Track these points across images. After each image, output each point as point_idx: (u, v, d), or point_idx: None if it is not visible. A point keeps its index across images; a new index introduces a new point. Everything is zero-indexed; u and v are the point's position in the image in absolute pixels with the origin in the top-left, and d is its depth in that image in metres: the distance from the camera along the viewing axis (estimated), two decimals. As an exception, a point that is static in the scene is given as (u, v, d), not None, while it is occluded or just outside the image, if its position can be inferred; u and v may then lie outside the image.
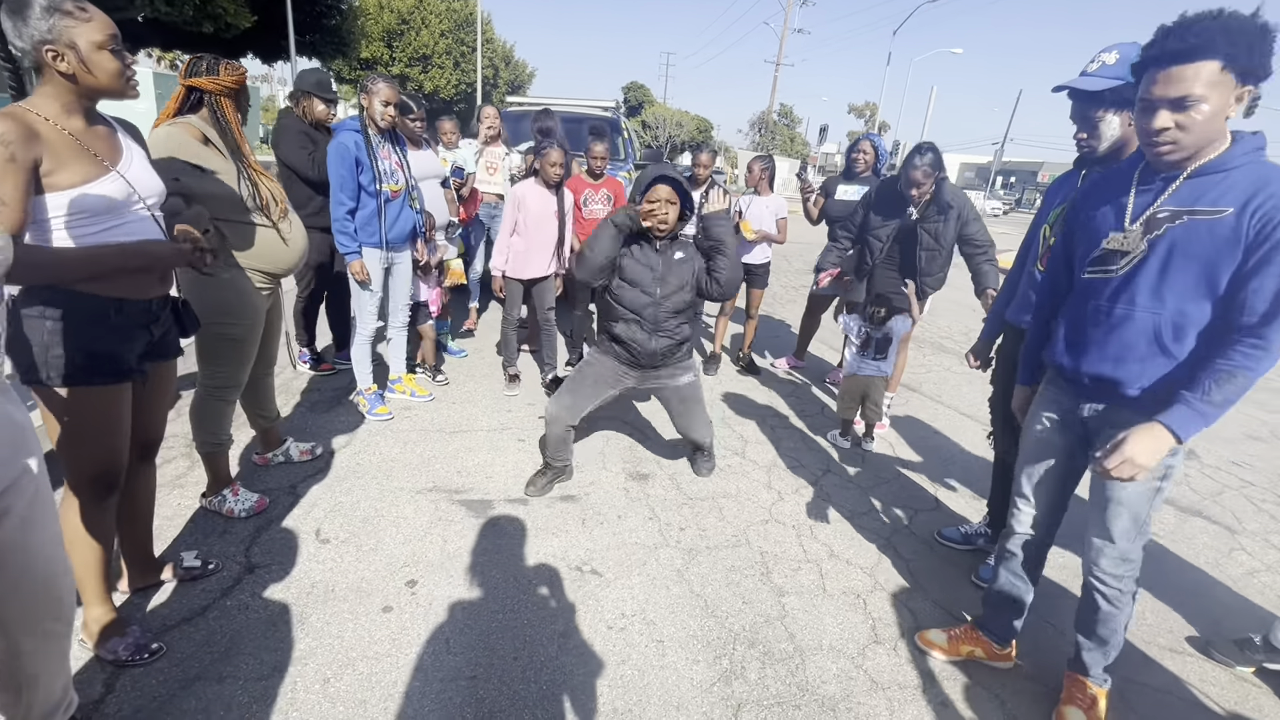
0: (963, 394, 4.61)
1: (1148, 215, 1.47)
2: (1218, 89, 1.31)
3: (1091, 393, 1.63)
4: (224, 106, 2.10)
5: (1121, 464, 1.40)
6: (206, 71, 2.07)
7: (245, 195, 2.12)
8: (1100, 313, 1.56)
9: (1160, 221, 1.45)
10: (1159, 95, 1.37)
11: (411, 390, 3.62)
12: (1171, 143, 1.39)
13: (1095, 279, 1.58)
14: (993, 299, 3.37)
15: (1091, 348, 1.58)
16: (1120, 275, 1.52)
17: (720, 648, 2.00)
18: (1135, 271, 1.49)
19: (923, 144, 3.29)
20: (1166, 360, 1.47)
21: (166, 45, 17.27)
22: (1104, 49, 1.90)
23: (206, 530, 2.35)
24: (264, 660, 1.80)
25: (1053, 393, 1.78)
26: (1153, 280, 1.46)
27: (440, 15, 27.87)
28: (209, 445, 2.37)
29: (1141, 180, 1.52)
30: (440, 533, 2.46)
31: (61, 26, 1.39)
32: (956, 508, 3.01)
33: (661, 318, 2.59)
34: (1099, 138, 1.93)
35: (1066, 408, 1.72)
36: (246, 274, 2.22)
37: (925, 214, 3.34)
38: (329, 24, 17.14)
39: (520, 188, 3.67)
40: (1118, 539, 1.64)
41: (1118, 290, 1.53)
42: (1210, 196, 1.39)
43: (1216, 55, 1.29)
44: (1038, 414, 1.82)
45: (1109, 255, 1.55)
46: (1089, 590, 1.74)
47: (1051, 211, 2.16)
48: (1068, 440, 1.75)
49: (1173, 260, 1.43)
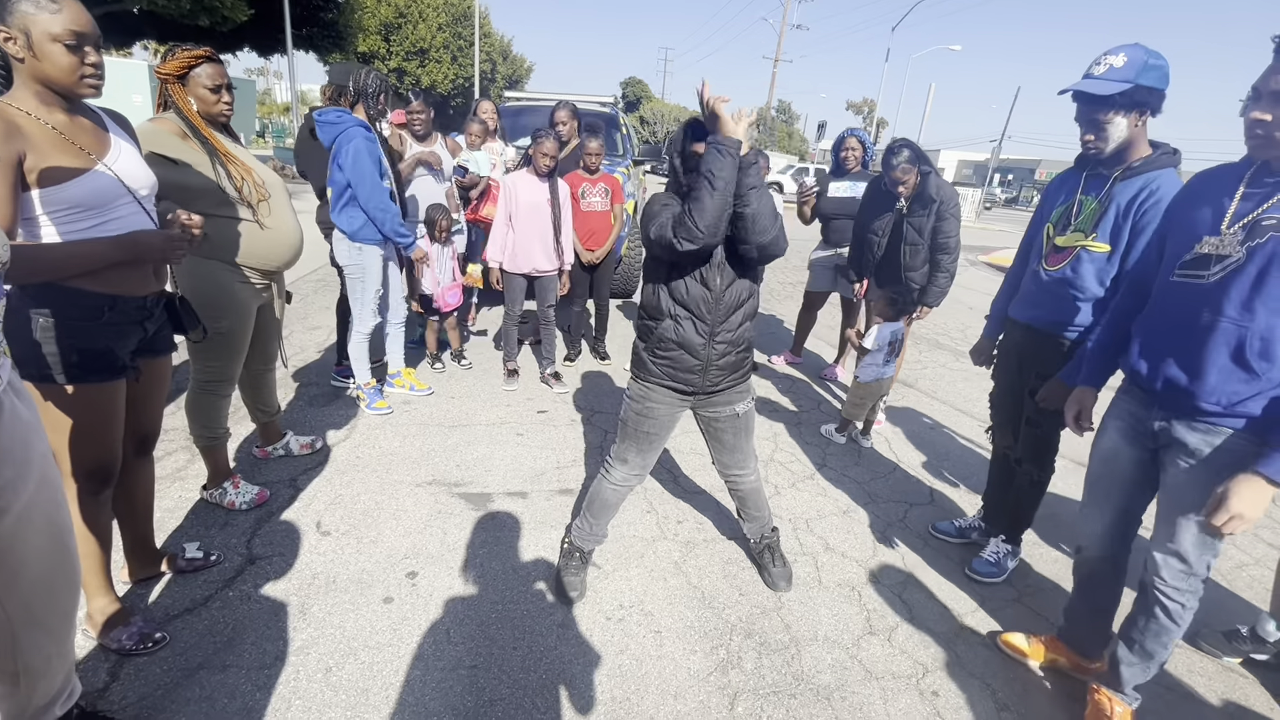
0: (959, 390, 4.64)
1: (1250, 220, 1.39)
2: None
3: (1164, 402, 1.56)
4: (175, 93, 2.09)
5: (1229, 520, 1.34)
6: (160, 61, 2.10)
7: (220, 186, 2.11)
8: (1184, 319, 1.48)
9: (1265, 229, 1.36)
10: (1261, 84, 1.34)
11: (410, 384, 3.64)
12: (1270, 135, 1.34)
13: (1183, 283, 1.50)
14: (925, 315, 3.47)
15: (1169, 355, 1.51)
16: (1211, 281, 1.43)
17: (717, 638, 2.03)
18: (1229, 279, 1.40)
19: (894, 144, 3.31)
20: (1248, 377, 1.38)
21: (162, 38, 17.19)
22: (1108, 51, 1.89)
23: (208, 522, 2.37)
24: (266, 650, 1.83)
25: (1125, 401, 1.72)
26: (1245, 290, 1.37)
27: (438, 9, 27.77)
28: (205, 439, 2.39)
29: (1251, 183, 1.44)
30: (440, 525, 2.48)
31: (21, 10, 1.38)
32: (951, 502, 3.04)
33: (721, 315, 1.92)
34: (1106, 140, 1.93)
35: (1139, 417, 1.65)
36: (230, 268, 2.22)
37: (911, 208, 3.36)
38: (326, 18, 17.12)
39: (511, 177, 3.68)
40: (1186, 551, 1.56)
41: (1206, 297, 1.44)
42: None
43: None
44: (1108, 423, 1.77)
45: (1202, 259, 1.46)
46: (1149, 599, 1.66)
47: (1055, 210, 2.17)
48: (1138, 452, 1.68)
49: (1271, 271, 1.34)
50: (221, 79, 2.16)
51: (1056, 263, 2.11)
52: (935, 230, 3.32)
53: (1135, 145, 1.94)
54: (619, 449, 2.15)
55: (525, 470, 2.96)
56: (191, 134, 2.10)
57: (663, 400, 2.03)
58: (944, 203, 3.28)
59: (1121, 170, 1.96)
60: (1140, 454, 1.68)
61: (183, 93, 2.11)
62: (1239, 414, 1.42)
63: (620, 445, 2.14)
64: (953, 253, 3.32)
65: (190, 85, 2.12)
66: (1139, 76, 1.82)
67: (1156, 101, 1.87)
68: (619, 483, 2.16)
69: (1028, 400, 2.21)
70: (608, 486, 2.18)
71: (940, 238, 3.32)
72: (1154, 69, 1.83)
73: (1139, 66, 1.82)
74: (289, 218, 2.37)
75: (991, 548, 2.48)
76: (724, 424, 2.13)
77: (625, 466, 2.14)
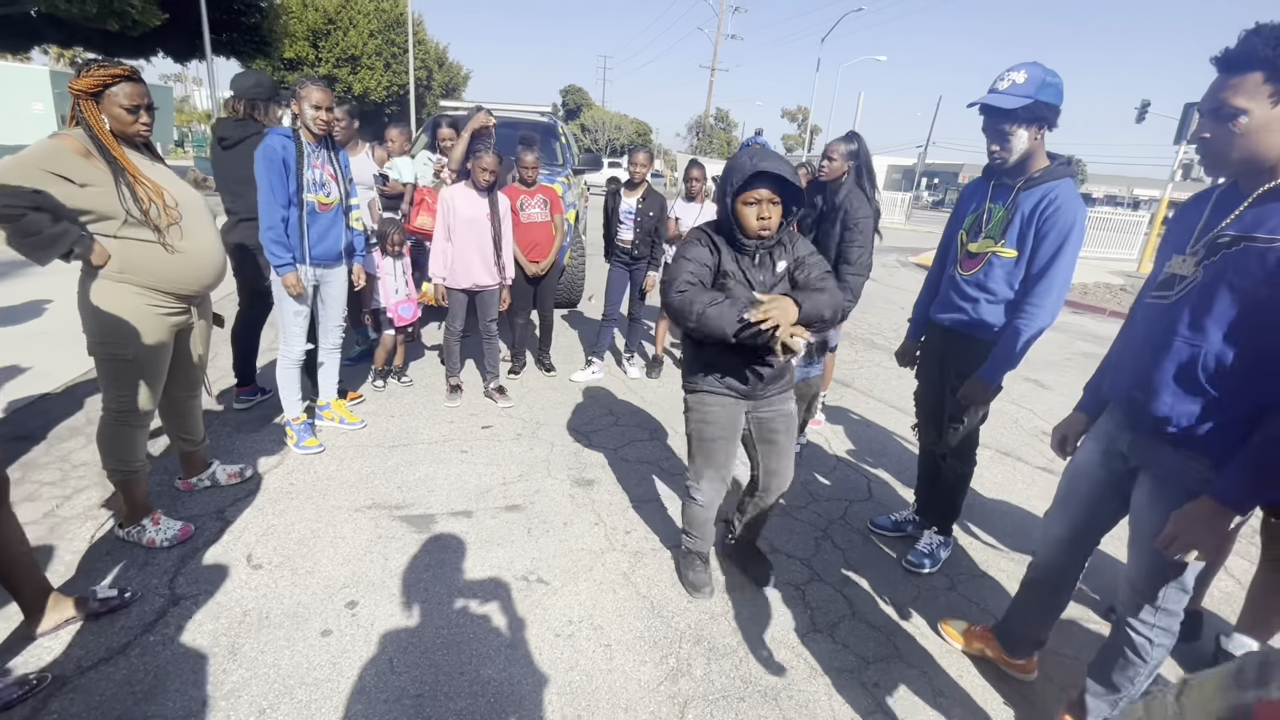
0: (893, 388, 4.84)
1: (1210, 238, 1.38)
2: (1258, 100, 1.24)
3: (1130, 421, 1.56)
4: (87, 110, 1.99)
5: (1175, 544, 1.31)
6: (75, 75, 1.99)
7: (124, 207, 2.01)
8: (1148, 339, 1.48)
9: (1219, 246, 1.34)
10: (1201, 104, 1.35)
11: (341, 417, 3.40)
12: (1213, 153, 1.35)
13: (1152, 303, 1.50)
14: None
15: (1133, 373, 1.51)
16: (1172, 301, 1.42)
17: (667, 647, 2.04)
18: (1185, 298, 1.39)
19: (849, 133, 3.34)
20: (1201, 399, 1.35)
21: (66, 42, 16.09)
22: (1011, 68, 2.03)
23: (126, 563, 2.22)
24: (192, 696, 1.73)
25: (1102, 422, 1.71)
26: (1198, 309, 1.35)
27: (369, 15, 27.00)
28: (120, 473, 2.24)
29: (1218, 203, 1.42)
30: (381, 550, 2.41)
31: None
32: (888, 497, 3.17)
33: (765, 337, 1.84)
34: (1010, 150, 2.07)
35: (1112, 438, 1.63)
36: (142, 292, 2.11)
37: (823, 213, 3.32)
38: (248, 22, 16.35)
39: (449, 191, 3.63)
40: (1137, 579, 1.55)
41: (1165, 316, 1.43)
42: (1274, 222, 1.27)
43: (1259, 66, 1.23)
44: (1086, 442, 1.76)
45: (1169, 279, 1.45)
46: (1118, 632, 1.64)
47: (967, 217, 2.30)
48: (1105, 474, 1.66)
49: (1219, 289, 1.32)
50: (141, 99, 2.07)
51: (970, 268, 2.25)
52: (840, 239, 3.21)
53: (1035, 157, 2.10)
54: (694, 468, 2.19)
55: (470, 488, 2.91)
56: (98, 153, 1.98)
57: (719, 404, 2.08)
58: (848, 213, 3.18)
59: (1024, 180, 2.11)
60: (1108, 475, 1.66)
61: (95, 110, 2.00)
62: (1194, 436, 1.39)
63: (694, 464, 2.19)
64: (854, 264, 3.19)
65: (105, 103, 2.02)
66: (1038, 93, 1.97)
67: (1053, 116, 2.03)
68: (706, 503, 2.21)
69: (949, 398, 2.33)
70: (697, 510, 2.23)
71: (843, 246, 3.21)
72: (1050, 86, 1.98)
73: (1038, 83, 1.97)
74: (207, 238, 2.26)
75: (925, 539, 2.60)
76: (779, 423, 2.16)
77: (705, 483, 2.18)
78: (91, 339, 2.10)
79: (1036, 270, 2.08)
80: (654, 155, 4.67)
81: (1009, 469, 3.59)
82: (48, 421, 3.20)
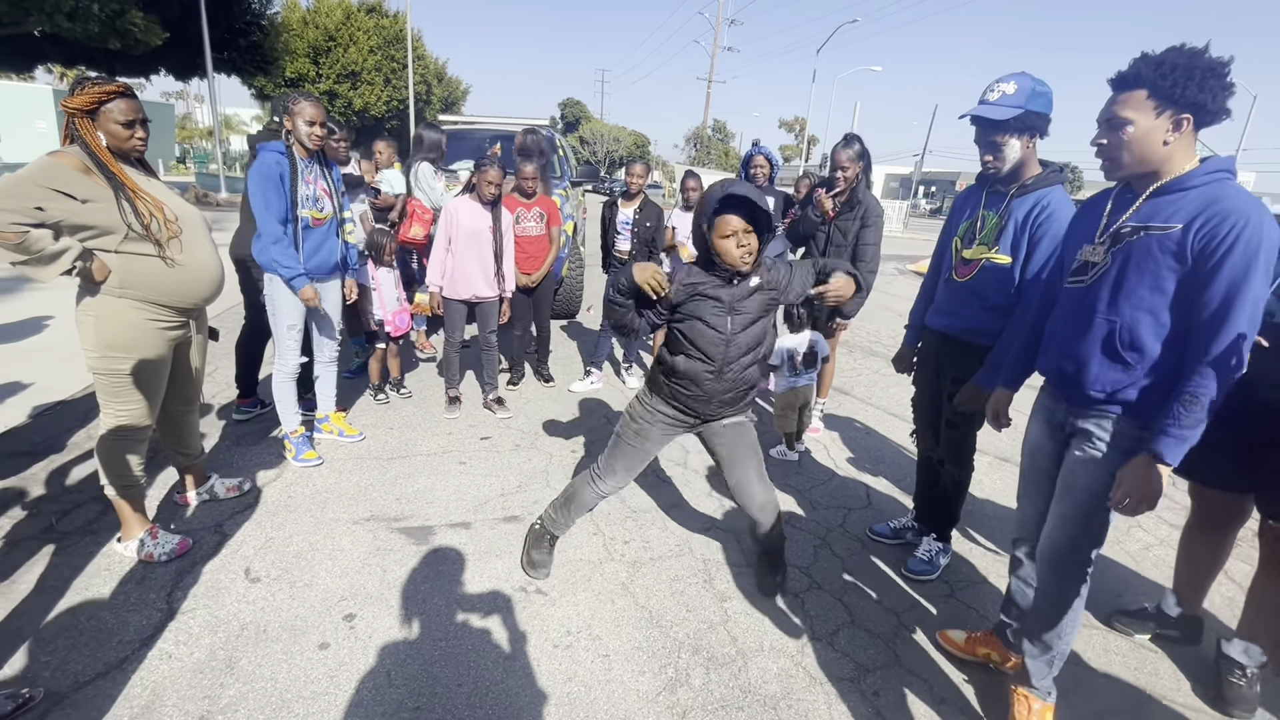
0: (891, 395, 4.84)
1: (1114, 229, 1.60)
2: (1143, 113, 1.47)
3: (1064, 392, 1.73)
4: (82, 127, 2.02)
5: (1128, 503, 1.48)
6: (69, 93, 2.02)
7: (125, 221, 2.03)
8: (1072, 319, 1.67)
9: (1123, 236, 1.56)
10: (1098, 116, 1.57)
11: (340, 430, 3.41)
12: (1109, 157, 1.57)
13: (1071, 288, 1.70)
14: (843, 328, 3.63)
15: (1063, 350, 1.69)
16: (1088, 284, 1.63)
17: (665, 657, 2.04)
18: (1099, 281, 1.60)
19: (848, 136, 3.45)
20: (1123, 366, 1.56)
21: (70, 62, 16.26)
22: (1000, 79, 2.06)
23: (123, 578, 2.22)
24: (189, 711, 1.72)
25: (1043, 399, 1.87)
26: (1111, 289, 1.57)
27: (369, 32, 27.28)
28: (119, 488, 2.25)
29: (1116, 200, 1.65)
30: (379, 563, 2.41)
31: None
32: (887, 504, 3.17)
33: (731, 356, 1.99)
34: (1003, 160, 2.10)
35: (1051, 410, 1.81)
36: (142, 306, 2.13)
37: (840, 211, 3.50)
38: (249, 40, 16.53)
39: (453, 203, 3.65)
40: (1057, 529, 1.71)
41: (1084, 297, 1.64)
42: (1165, 214, 1.49)
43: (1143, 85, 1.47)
44: (1032, 420, 1.90)
45: (1082, 266, 1.66)
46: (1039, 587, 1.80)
47: (961, 225, 2.32)
48: (1055, 445, 1.81)
49: (1128, 272, 1.53)
50: (135, 114, 2.09)
51: (965, 274, 2.26)
52: (858, 236, 3.44)
53: (1028, 164, 2.12)
54: (609, 461, 2.25)
55: (469, 500, 2.91)
56: (96, 169, 2.01)
57: (660, 424, 2.16)
58: (868, 210, 3.42)
59: (1017, 188, 2.13)
60: (1058, 447, 1.80)
61: (91, 127, 2.02)
62: (1119, 400, 1.58)
63: (610, 458, 2.25)
64: (869, 261, 3.43)
65: (101, 120, 2.04)
66: (1028, 102, 1.99)
67: (1044, 125, 2.06)
68: (604, 491, 2.29)
69: (946, 404, 2.34)
70: (591, 492, 2.30)
71: (860, 244, 3.44)
72: (1040, 95, 2.01)
73: (1028, 94, 2.00)
74: (205, 251, 2.27)
75: (924, 546, 2.59)
76: (721, 434, 2.19)
77: (614, 478, 2.26)
78: (91, 354, 2.11)
79: (1031, 275, 2.09)
80: (651, 166, 4.71)
81: (1007, 474, 3.58)
82: (47, 437, 3.21)
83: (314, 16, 26.34)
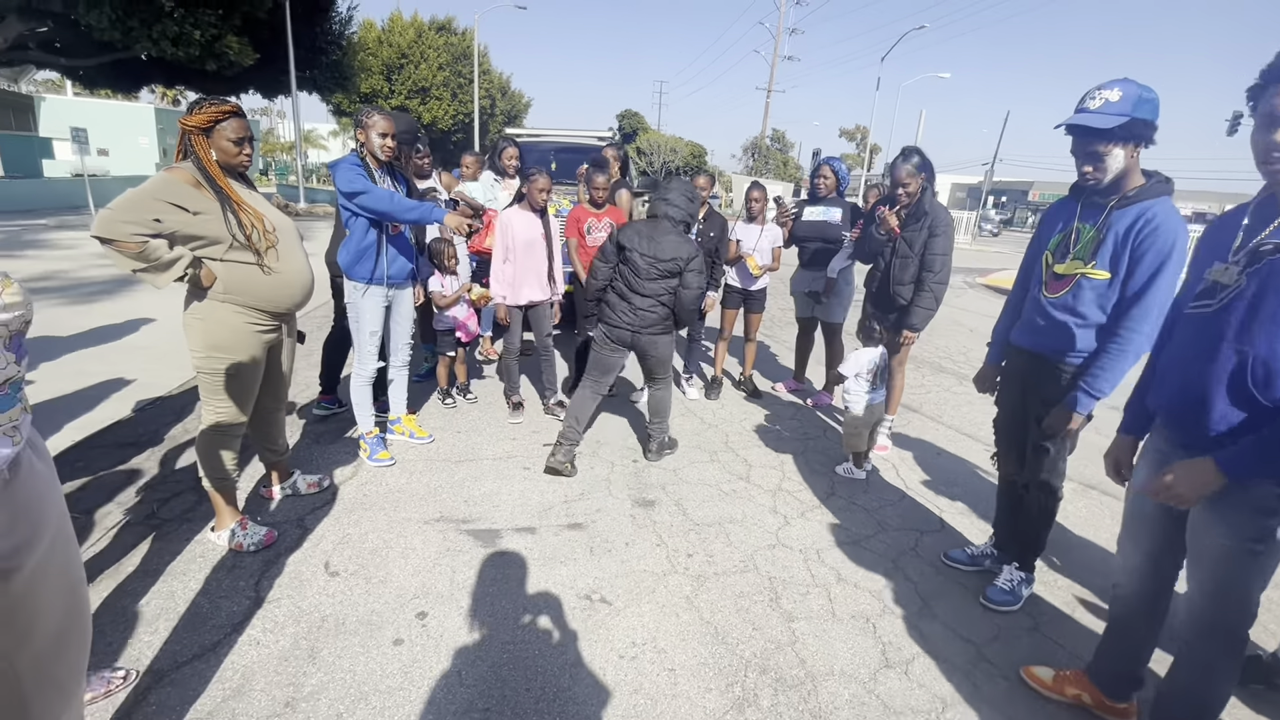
0: (963, 414, 4.63)
1: (1251, 246, 1.39)
2: None
3: (1179, 434, 1.53)
4: (197, 144, 2.16)
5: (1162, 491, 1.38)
6: (187, 112, 2.17)
7: (230, 232, 2.16)
8: (1193, 349, 1.47)
9: (1262, 254, 1.35)
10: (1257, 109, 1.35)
11: (411, 431, 3.52)
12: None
13: (1194, 314, 1.50)
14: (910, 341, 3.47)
15: (1179, 386, 1.49)
16: (1214, 310, 1.43)
17: (732, 675, 2.00)
18: (1230, 306, 1.40)
19: (906, 149, 3.39)
20: (1252, 406, 1.34)
21: (170, 82, 17.62)
22: (1101, 86, 1.93)
23: (215, 565, 2.36)
24: (276, 696, 1.80)
25: (1152, 439, 1.69)
26: (1243, 316, 1.36)
27: (438, 49, 28.51)
28: (214, 480, 2.39)
29: (1256, 213, 1.44)
30: (449, 563, 2.47)
31: None
32: (962, 529, 3.02)
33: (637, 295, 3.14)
34: (1105, 171, 1.97)
35: (1164, 454, 1.60)
36: (242, 311, 2.26)
37: (905, 222, 3.41)
38: (329, 59, 17.49)
39: (506, 214, 3.75)
40: (1195, 595, 1.52)
41: (1210, 324, 1.43)
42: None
43: None
44: (1140, 462, 1.75)
45: (1210, 289, 1.46)
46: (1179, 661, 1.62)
47: (1052, 238, 2.20)
48: None
49: (1267, 295, 1.33)
50: (245, 132, 2.24)
51: (1057, 290, 2.14)
52: (925, 246, 3.34)
53: (1130, 175, 1.99)
54: (590, 371, 3.38)
55: (533, 505, 2.95)
56: (206, 183, 2.15)
57: (608, 345, 3.32)
58: (936, 219, 3.32)
59: (1118, 199, 2.00)
60: None
61: (205, 144, 2.18)
62: None
63: (590, 370, 3.38)
64: (938, 272, 3.32)
65: (214, 137, 2.19)
66: (1135, 110, 1.87)
67: (1150, 133, 1.93)
68: (595, 393, 3.36)
69: (1033, 427, 2.21)
70: (587, 394, 3.34)
71: (928, 254, 3.33)
72: (1147, 102, 1.89)
73: (1134, 100, 1.88)
74: (298, 260, 2.40)
75: (1005, 575, 2.46)
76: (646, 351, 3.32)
77: (595, 384, 3.37)
78: (197, 354, 2.26)
79: (1132, 293, 1.96)
80: (714, 178, 4.71)
81: (1094, 503, 3.36)
82: (148, 430, 3.45)
83: (388, 35, 27.76)
